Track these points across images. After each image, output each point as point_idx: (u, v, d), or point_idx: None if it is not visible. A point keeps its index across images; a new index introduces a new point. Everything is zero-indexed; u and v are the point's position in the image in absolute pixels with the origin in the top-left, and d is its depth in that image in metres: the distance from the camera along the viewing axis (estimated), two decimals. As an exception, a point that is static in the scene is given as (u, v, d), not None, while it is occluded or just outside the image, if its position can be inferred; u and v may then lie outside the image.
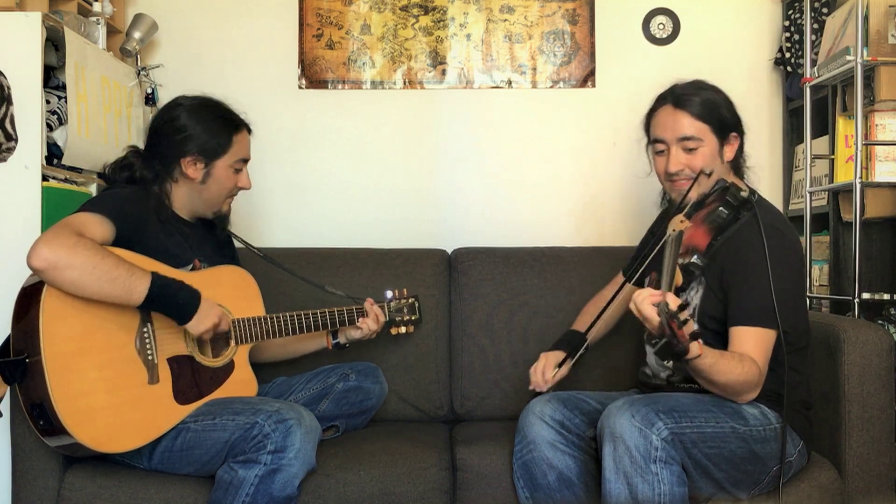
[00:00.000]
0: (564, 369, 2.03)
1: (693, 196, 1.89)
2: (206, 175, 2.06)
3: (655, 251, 1.84)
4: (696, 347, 1.63)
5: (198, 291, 1.90)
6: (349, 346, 2.28)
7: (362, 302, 2.27)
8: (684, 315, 1.52)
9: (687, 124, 1.93)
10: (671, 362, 1.95)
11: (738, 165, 2.03)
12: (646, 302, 1.59)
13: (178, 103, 2.09)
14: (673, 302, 1.53)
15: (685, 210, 1.81)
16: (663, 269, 1.63)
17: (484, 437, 2.16)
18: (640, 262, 1.99)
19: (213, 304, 1.94)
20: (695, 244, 1.80)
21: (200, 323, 1.90)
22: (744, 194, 1.81)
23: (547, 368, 2.04)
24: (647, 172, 2.13)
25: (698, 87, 1.98)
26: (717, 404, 1.80)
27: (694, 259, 1.74)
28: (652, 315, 1.57)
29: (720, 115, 1.95)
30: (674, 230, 1.71)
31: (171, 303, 1.86)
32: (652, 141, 2.02)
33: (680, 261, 1.73)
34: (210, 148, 2.05)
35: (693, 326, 1.54)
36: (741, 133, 2.00)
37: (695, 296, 1.94)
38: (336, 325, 2.21)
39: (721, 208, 1.79)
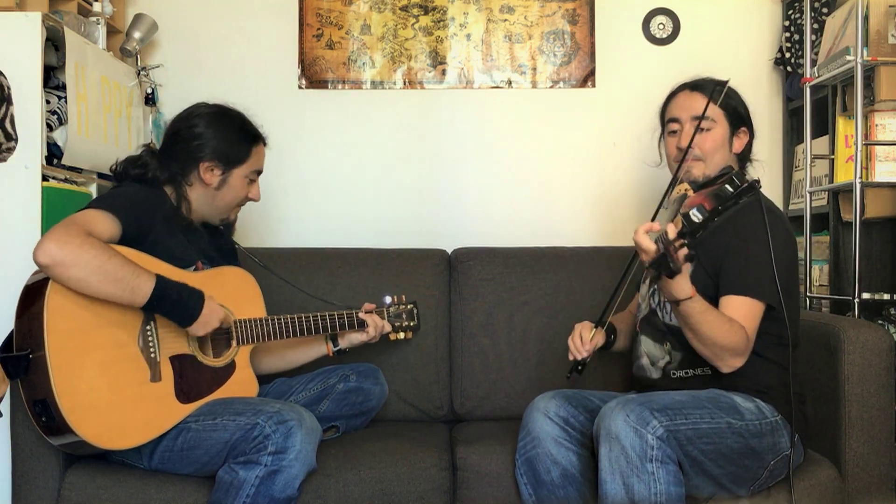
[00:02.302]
0: (598, 336, 2.02)
1: (697, 174, 1.98)
2: (222, 182, 2.07)
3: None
4: (689, 287, 1.70)
5: (201, 293, 1.91)
6: (349, 351, 2.29)
7: (357, 310, 2.27)
8: (680, 242, 1.56)
9: (702, 105, 2.00)
10: (667, 347, 1.98)
11: (744, 162, 2.07)
12: (640, 231, 1.64)
13: (198, 112, 2.10)
14: (672, 231, 1.58)
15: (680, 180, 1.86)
16: (668, 218, 1.69)
17: (484, 436, 2.16)
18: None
19: (216, 306, 1.94)
20: (697, 204, 1.82)
21: (202, 327, 1.90)
22: (749, 178, 1.83)
23: (584, 333, 2.01)
24: (658, 163, 2.17)
25: (714, 79, 2.06)
26: (713, 400, 1.80)
27: (694, 211, 1.74)
28: (648, 244, 1.62)
29: (734, 105, 2.04)
30: (675, 195, 1.74)
31: (174, 306, 1.86)
32: (667, 122, 2.08)
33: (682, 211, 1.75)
34: (229, 156, 2.07)
35: (686, 251, 1.58)
36: (751, 131, 2.06)
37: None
38: (336, 328, 2.21)
39: (727, 185, 1.80)
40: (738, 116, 2.04)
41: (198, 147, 2.04)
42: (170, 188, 2.05)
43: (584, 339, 2.00)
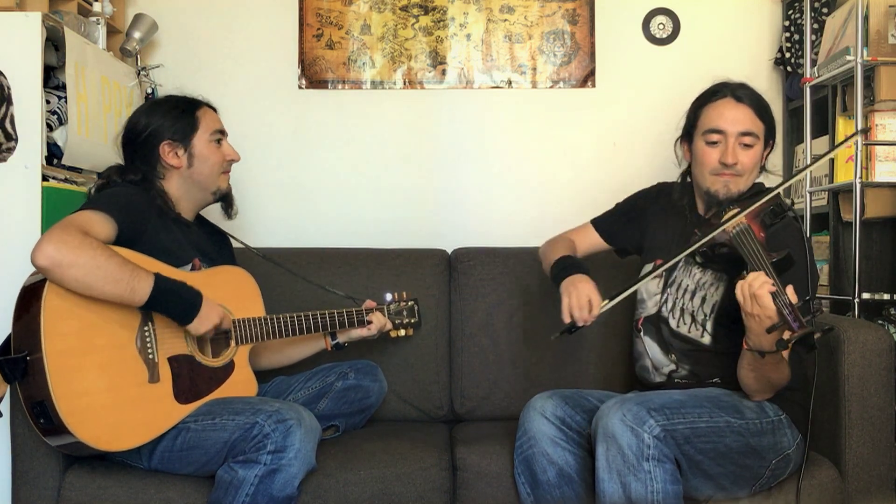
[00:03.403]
0: (607, 306, 1.90)
1: (734, 190, 1.92)
2: (190, 157, 2.08)
3: (704, 240, 1.83)
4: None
5: (199, 292, 1.91)
6: (348, 346, 2.29)
7: (361, 302, 2.27)
8: (800, 309, 1.54)
9: (750, 121, 1.95)
10: (673, 358, 1.97)
11: (759, 171, 2.04)
12: (765, 289, 1.59)
13: (136, 111, 2.14)
14: (793, 296, 1.55)
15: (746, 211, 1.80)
16: (755, 261, 1.62)
17: (484, 436, 2.16)
18: (689, 244, 1.88)
19: (214, 304, 1.94)
20: (759, 239, 1.78)
21: (202, 324, 1.90)
22: (788, 200, 1.82)
23: (594, 299, 1.90)
24: (678, 164, 2.13)
25: (749, 87, 2.00)
26: (712, 399, 1.80)
27: (783, 256, 1.70)
28: (770, 305, 1.58)
29: (772, 121, 2.00)
30: (735, 227, 1.71)
31: (172, 304, 1.86)
32: (705, 132, 1.98)
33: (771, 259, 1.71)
34: (179, 130, 2.08)
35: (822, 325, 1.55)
36: (774, 142, 2.03)
37: (714, 293, 1.94)
38: (336, 326, 2.21)
39: (773, 208, 1.79)
40: (772, 131, 2.00)
41: (148, 137, 2.06)
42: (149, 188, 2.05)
43: (592, 310, 1.89)
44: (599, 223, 2.27)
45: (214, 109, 2.19)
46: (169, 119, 2.08)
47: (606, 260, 2.51)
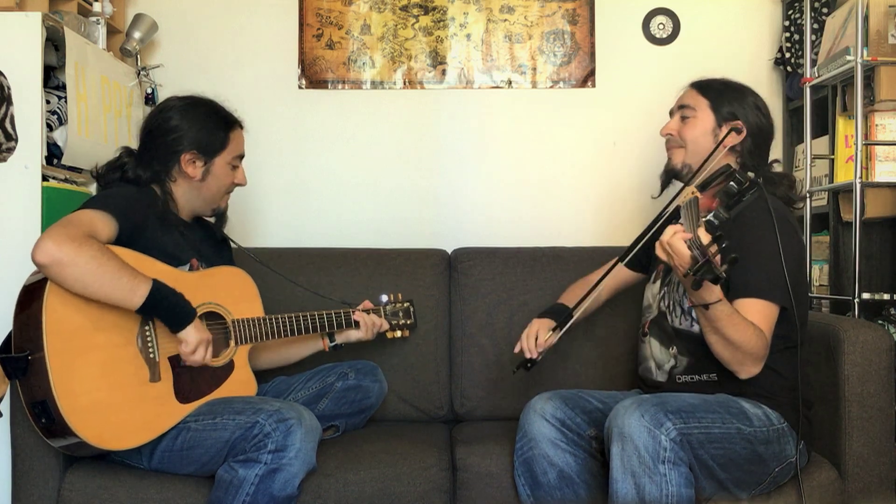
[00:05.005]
0: (554, 338, 2.03)
1: (705, 169, 1.97)
2: (206, 172, 2.07)
3: (660, 223, 1.87)
4: (718, 290, 1.69)
5: (194, 309, 1.90)
6: (345, 347, 2.29)
7: (355, 306, 2.28)
8: (715, 249, 1.55)
9: (688, 96, 2.08)
10: (673, 351, 1.97)
11: (755, 164, 2.00)
12: (677, 236, 1.63)
13: (169, 105, 2.08)
14: (705, 237, 1.58)
15: (696, 183, 1.85)
16: (689, 224, 1.66)
17: (484, 436, 2.16)
18: (643, 235, 1.96)
19: (203, 327, 1.93)
20: (710, 208, 1.81)
21: (196, 331, 1.88)
22: (751, 175, 1.82)
23: (540, 333, 2.05)
24: None
25: (723, 79, 2.10)
26: (723, 405, 1.79)
27: (711, 216, 1.70)
28: (684, 250, 1.61)
29: (723, 97, 2.03)
30: (685, 199, 1.74)
31: (169, 309, 1.86)
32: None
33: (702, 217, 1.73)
34: (208, 145, 2.06)
35: (728, 255, 1.56)
36: (752, 128, 1.99)
37: None
38: (334, 326, 2.21)
39: (731, 183, 1.80)
40: (725, 107, 2.01)
41: (175, 141, 2.03)
42: (156, 187, 2.05)
43: (538, 341, 2.03)
44: (622, 257, 2.26)
45: (243, 128, 2.16)
46: (202, 130, 2.05)
47: (606, 261, 2.51)
